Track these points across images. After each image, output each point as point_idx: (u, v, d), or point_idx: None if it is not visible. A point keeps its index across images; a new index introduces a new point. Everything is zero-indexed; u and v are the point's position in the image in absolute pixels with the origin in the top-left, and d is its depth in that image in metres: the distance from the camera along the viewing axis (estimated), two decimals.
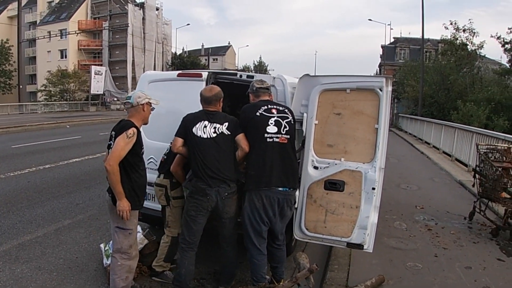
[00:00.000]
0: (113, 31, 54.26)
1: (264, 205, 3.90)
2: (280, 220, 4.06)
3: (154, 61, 56.62)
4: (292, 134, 4.03)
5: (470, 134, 12.65)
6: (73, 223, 6.46)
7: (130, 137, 3.67)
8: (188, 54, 63.96)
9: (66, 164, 11.37)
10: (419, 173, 11.79)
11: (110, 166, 3.59)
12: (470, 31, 28.15)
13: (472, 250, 5.57)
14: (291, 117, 4.07)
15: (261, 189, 3.90)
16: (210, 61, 64.54)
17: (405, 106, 38.08)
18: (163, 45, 59.59)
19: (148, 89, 4.97)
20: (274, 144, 3.91)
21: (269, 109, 4.00)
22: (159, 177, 4.53)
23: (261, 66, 69.07)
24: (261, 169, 3.90)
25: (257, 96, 4.19)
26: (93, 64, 49.50)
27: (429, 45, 44.63)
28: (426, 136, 20.62)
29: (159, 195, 4.50)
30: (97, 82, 45.90)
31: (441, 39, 31.18)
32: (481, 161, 6.68)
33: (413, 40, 50.74)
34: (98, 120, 29.69)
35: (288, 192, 3.99)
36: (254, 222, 3.95)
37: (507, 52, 26.07)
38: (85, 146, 15.06)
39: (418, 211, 7.43)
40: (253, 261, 4.04)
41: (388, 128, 4.17)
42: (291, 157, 4.01)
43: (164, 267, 4.58)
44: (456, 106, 23.95)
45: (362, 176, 4.04)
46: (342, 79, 4.19)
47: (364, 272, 4.64)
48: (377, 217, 4.16)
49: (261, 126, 3.93)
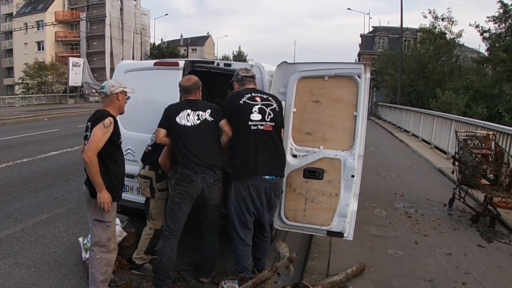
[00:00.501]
0: (90, 22, 53.32)
1: (251, 194, 3.85)
2: (268, 210, 4.02)
3: (132, 52, 55.84)
4: (278, 122, 3.97)
5: (449, 121, 12.78)
6: (51, 217, 6.34)
7: (107, 127, 3.59)
8: (167, 45, 63.34)
9: (44, 157, 11.20)
10: (398, 161, 11.89)
11: (89, 158, 3.51)
12: (448, 19, 28.47)
13: (452, 236, 5.63)
14: (276, 104, 4.01)
15: (247, 178, 3.86)
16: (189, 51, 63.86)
17: (384, 94, 38.37)
18: (142, 36, 58.90)
19: (125, 79, 4.88)
20: (258, 132, 3.85)
21: (253, 97, 3.96)
22: (143, 169, 4.45)
23: (240, 56, 68.69)
24: (247, 157, 3.86)
25: (242, 85, 4.15)
26: (71, 56, 48.53)
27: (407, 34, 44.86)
28: (405, 124, 20.82)
29: (144, 187, 4.43)
30: (75, 74, 45.12)
31: (420, 28, 31.40)
32: (460, 148, 6.73)
33: (392, 29, 50.92)
34: (76, 113, 29.23)
35: (275, 180, 3.94)
36: (239, 213, 3.90)
37: (486, 40, 26.26)
38: (63, 139, 14.82)
39: (398, 198, 7.49)
40: (237, 252, 4.01)
41: (367, 116, 4.16)
42: (277, 145, 3.95)
43: (144, 259, 4.52)
44: (435, 94, 24.13)
45: (341, 163, 4.03)
46: (320, 66, 4.16)
47: (344, 260, 4.65)
48: (356, 205, 4.16)
49: (245, 114, 3.88)
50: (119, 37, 53.63)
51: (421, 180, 9.27)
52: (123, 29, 54.13)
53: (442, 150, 13.15)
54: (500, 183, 6.31)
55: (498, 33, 25.62)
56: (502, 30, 25.57)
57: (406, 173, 9.96)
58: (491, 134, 6.91)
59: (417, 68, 30.71)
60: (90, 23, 53.60)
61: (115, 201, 3.85)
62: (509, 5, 24.45)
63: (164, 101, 4.79)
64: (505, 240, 5.53)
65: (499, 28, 25.60)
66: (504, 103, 21.81)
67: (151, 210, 4.45)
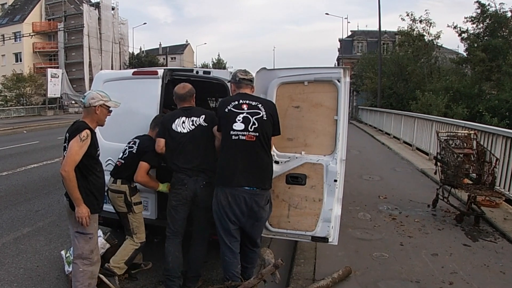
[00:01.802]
0: (68, 32, 52.75)
1: (229, 203, 3.77)
2: (254, 222, 3.88)
3: (111, 62, 55.32)
4: (264, 131, 3.79)
5: (429, 123, 12.93)
6: (32, 231, 6.22)
7: (83, 140, 3.52)
8: (146, 54, 62.89)
9: (24, 170, 10.99)
10: (381, 164, 11.96)
11: (66, 172, 3.44)
12: (426, 21, 28.98)
13: (437, 237, 5.66)
14: (266, 112, 3.83)
15: (225, 187, 3.80)
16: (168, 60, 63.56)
17: (365, 98, 38.68)
18: (120, 45, 58.36)
19: (103, 89, 4.77)
20: (239, 142, 3.74)
21: (240, 105, 3.83)
22: (115, 183, 4.36)
23: (219, 63, 68.62)
24: (225, 167, 3.80)
25: (238, 87, 4.00)
26: (49, 67, 47.78)
27: (386, 37, 45.46)
28: (386, 127, 21.00)
29: (118, 202, 4.34)
30: (54, 85, 44.44)
31: (398, 31, 31.89)
32: (442, 149, 6.79)
33: (370, 32, 51.51)
34: (56, 124, 28.80)
35: (255, 191, 3.78)
36: (221, 219, 3.84)
37: (464, 41, 26.75)
38: (43, 151, 14.59)
39: (382, 201, 7.53)
40: (225, 259, 3.95)
41: (348, 120, 4.17)
42: (260, 156, 3.80)
43: (120, 269, 4.38)
44: (415, 96, 24.45)
45: (323, 168, 4.03)
46: (299, 71, 4.17)
47: (330, 265, 4.64)
48: (340, 209, 4.17)
49: (228, 123, 3.79)
50: (98, 47, 53.12)
51: (404, 182, 9.33)
52: (101, 39, 53.60)
53: (424, 152, 13.30)
54: (483, 182, 6.38)
55: (476, 33, 26.18)
56: (480, 30, 26.15)
57: (389, 176, 10.02)
58: (473, 134, 7.00)
59: (397, 70, 31.09)
60: (68, 33, 53.02)
61: (96, 212, 3.78)
62: (486, 5, 24.94)
63: (144, 111, 4.78)
64: (491, 239, 5.58)
65: (477, 28, 26.21)
66: (484, 103, 22.21)
67: (132, 225, 4.38)
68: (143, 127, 4.67)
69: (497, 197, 6.34)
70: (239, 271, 3.99)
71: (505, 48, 23.84)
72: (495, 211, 6.59)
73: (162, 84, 4.76)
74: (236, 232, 3.92)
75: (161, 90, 4.76)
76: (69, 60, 53.41)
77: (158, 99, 4.75)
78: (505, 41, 24.70)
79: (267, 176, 3.89)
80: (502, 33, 25.56)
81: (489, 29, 25.59)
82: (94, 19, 52.45)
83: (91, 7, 52.96)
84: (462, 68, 28.50)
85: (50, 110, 44.34)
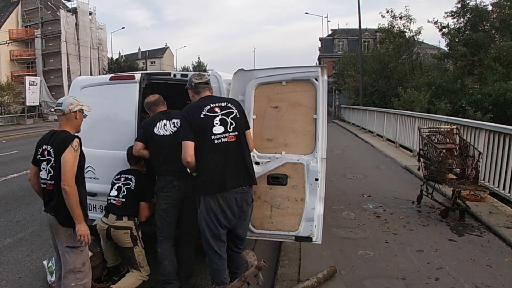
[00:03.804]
0: (46, 39, 51.91)
1: (221, 207, 3.71)
2: (243, 221, 3.90)
3: (90, 68, 54.69)
4: (241, 129, 3.81)
5: (412, 119, 13.01)
6: (14, 241, 6.11)
7: (76, 150, 3.42)
8: (125, 59, 62.50)
9: (3, 180, 10.81)
10: (364, 162, 11.99)
11: (70, 187, 3.29)
12: (407, 18, 29.21)
13: (423, 233, 5.67)
14: (237, 110, 3.84)
15: (217, 192, 3.72)
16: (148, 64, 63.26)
17: (347, 97, 38.94)
18: (99, 51, 57.76)
19: (81, 95, 4.78)
20: (222, 145, 3.70)
21: (212, 108, 3.78)
22: (120, 219, 4.24)
23: (200, 66, 68.08)
24: (213, 172, 3.70)
25: (196, 93, 3.93)
26: (27, 75, 47.11)
27: (367, 35, 45.83)
28: (369, 125, 21.09)
29: (125, 238, 4.24)
30: (33, 93, 43.86)
31: (379, 28, 32.04)
32: (425, 144, 6.82)
33: (350, 31, 51.72)
34: (36, 133, 28.27)
35: (244, 190, 3.81)
36: (211, 226, 3.76)
37: (445, 36, 27.07)
38: (23, 161, 14.26)
39: (366, 199, 7.53)
40: (213, 266, 3.88)
41: (329, 119, 4.16)
42: (242, 154, 3.80)
43: None
44: (397, 93, 24.57)
45: (304, 168, 4.01)
46: (277, 71, 4.15)
47: (315, 265, 4.62)
48: (323, 208, 4.16)
49: (207, 129, 3.71)
50: (76, 53, 52.49)
51: (388, 179, 9.36)
52: (79, 44, 52.98)
53: (407, 148, 13.36)
54: (467, 176, 6.40)
55: (457, 28, 26.52)
56: (461, 25, 26.49)
57: (372, 174, 10.05)
58: (455, 128, 7.03)
59: (378, 68, 31.35)
60: (45, 40, 52.22)
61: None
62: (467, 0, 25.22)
63: (122, 116, 4.75)
64: (476, 233, 5.61)
65: (457, 23, 26.57)
66: (467, 97, 22.46)
67: (138, 258, 4.28)
68: (122, 132, 4.65)
69: (481, 191, 6.36)
70: (227, 277, 3.96)
71: (486, 42, 24.19)
72: (480, 205, 6.63)
73: (140, 89, 4.72)
74: (224, 237, 3.88)
75: (139, 94, 4.71)
76: (47, 67, 52.66)
77: (136, 104, 4.70)
78: (486, 35, 25.11)
79: (253, 171, 3.90)
80: (483, 27, 26.01)
81: (470, 24, 25.96)
82: (71, 25, 51.82)
83: (68, 12, 52.31)
84: (444, 64, 28.80)
85: (29, 119, 43.74)
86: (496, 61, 22.78)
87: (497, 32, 25.75)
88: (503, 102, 20.70)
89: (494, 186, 6.84)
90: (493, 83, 21.65)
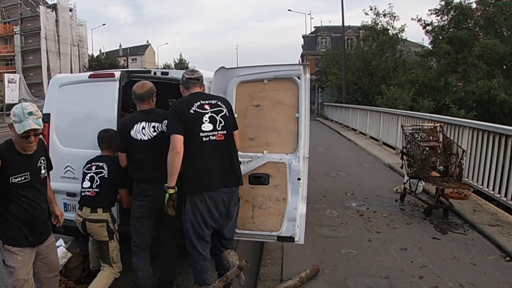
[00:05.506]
0: (25, 35, 51.21)
1: (208, 207, 3.66)
2: (230, 221, 3.86)
3: (70, 65, 53.94)
4: (230, 128, 3.77)
5: (395, 117, 13.02)
6: None
7: None
8: (106, 56, 61.77)
9: None
10: (347, 160, 11.98)
11: None
12: (390, 15, 29.28)
13: (406, 231, 5.67)
14: (226, 108, 3.80)
15: (203, 192, 3.67)
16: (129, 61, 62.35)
17: (330, 94, 38.94)
18: (79, 48, 57.01)
19: (60, 93, 4.73)
20: (210, 143, 3.65)
21: (202, 105, 3.71)
22: (95, 212, 4.09)
23: (182, 63, 67.47)
24: (200, 171, 3.64)
25: (187, 88, 3.86)
26: (6, 72, 46.35)
27: (350, 32, 46.01)
28: (352, 122, 21.14)
29: (101, 231, 4.09)
30: (12, 91, 43.02)
31: (362, 26, 32.19)
32: (408, 142, 6.82)
33: (334, 28, 51.94)
34: None
35: (231, 190, 3.77)
36: (196, 226, 3.70)
37: (429, 33, 27.24)
38: None
39: (349, 197, 7.51)
40: (196, 267, 3.83)
41: (311, 117, 4.12)
42: (230, 154, 3.76)
43: None
44: (381, 90, 24.55)
45: (286, 167, 3.98)
46: (258, 69, 4.10)
47: (298, 264, 4.58)
48: (305, 207, 4.12)
49: (195, 125, 3.64)
50: (56, 50, 51.76)
51: (371, 177, 9.38)
52: (59, 41, 52.22)
53: (390, 146, 13.40)
54: (450, 174, 6.42)
55: (441, 26, 26.68)
56: (445, 22, 26.65)
57: (355, 172, 10.05)
58: (438, 126, 7.06)
59: (361, 65, 31.44)
60: (24, 36, 51.50)
61: (23, 246, 3.24)
62: None
63: (102, 114, 4.66)
64: (460, 231, 5.63)
65: (441, 21, 26.73)
66: (450, 95, 22.58)
67: (112, 253, 4.14)
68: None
69: (465, 188, 6.37)
70: (210, 278, 3.89)
71: (470, 40, 24.32)
72: (464, 203, 6.66)
73: (120, 87, 4.60)
74: (209, 237, 3.84)
75: (119, 92, 4.60)
76: (27, 64, 51.89)
77: (116, 102, 4.59)
78: (470, 33, 25.23)
79: (240, 172, 3.86)
80: (467, 25, 26.13)
81: (454, 21, 26.09)
82: (51, 21, 51.07)
83: (48, 9, 51.54)
84: (428, 61, 28.89)
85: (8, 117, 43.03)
86: (480, 59, 22.96)
87: (481, 30, 25.87)
88: (487, 100, 20.84)
89: (478, 184, 6.82)
90: (477, 80, 21.79)
